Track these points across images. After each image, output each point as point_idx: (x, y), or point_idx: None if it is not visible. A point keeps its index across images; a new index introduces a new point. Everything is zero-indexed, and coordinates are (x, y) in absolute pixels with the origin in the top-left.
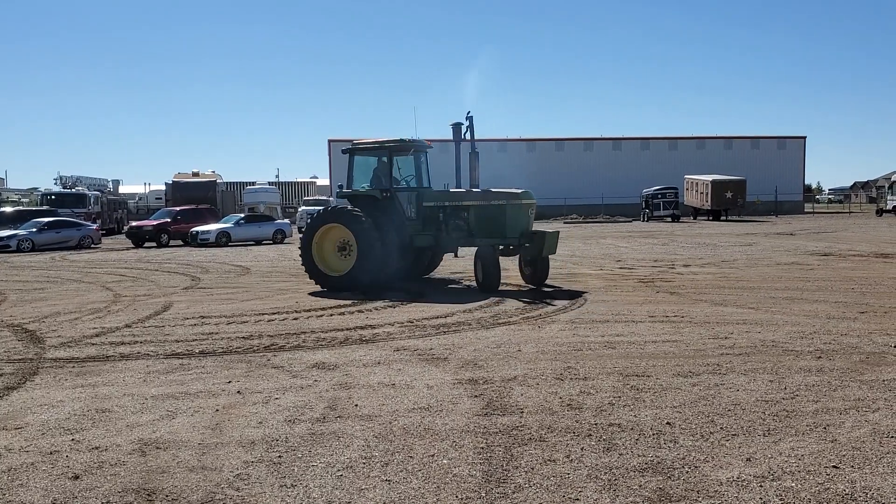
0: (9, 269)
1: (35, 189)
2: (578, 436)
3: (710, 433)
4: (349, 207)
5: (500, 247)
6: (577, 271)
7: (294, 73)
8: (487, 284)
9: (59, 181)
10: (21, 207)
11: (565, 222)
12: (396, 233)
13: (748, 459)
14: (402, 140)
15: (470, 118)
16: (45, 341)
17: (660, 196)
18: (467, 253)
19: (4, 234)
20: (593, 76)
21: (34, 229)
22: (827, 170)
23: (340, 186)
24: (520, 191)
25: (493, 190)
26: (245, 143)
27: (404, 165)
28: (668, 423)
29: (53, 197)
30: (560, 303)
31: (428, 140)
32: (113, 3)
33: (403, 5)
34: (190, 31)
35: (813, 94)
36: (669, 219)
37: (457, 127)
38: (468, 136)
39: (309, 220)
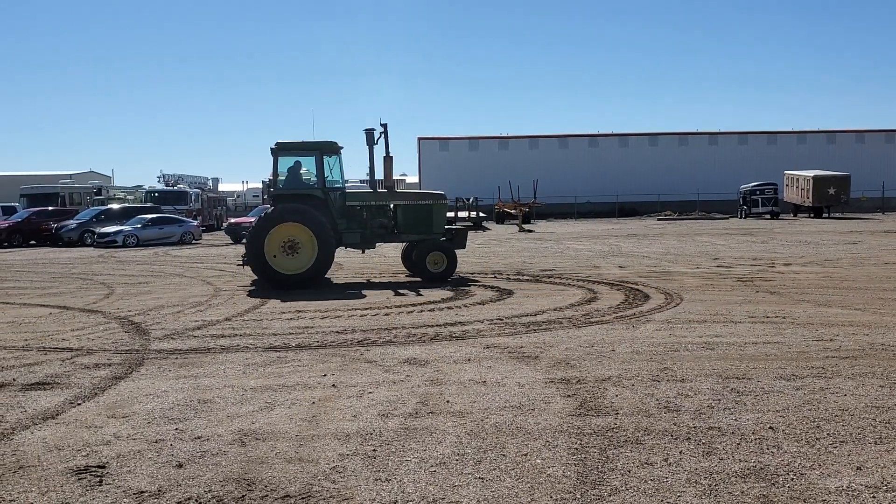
0: (115, 263)
1: (139, 187)
2: (677, 439)
3: (817, 439)
4: (301, 206)
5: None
6: (672, 269)
7: (383, 70)
8: (452, 271)
9: (161, 179)
10: (126, 204)
11: (659, 219)
12: (333, 231)
13: (859, 468)
14: (331, 142)
15: (384, 125)
16: (150, 333)
17: (758, 192)
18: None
19: (111, 230)
20: (688, 71)
21: (139, 225)
22: None
23: (269, 186)
24: (440, 192)
25: (417, 191)
26: (337, 141)
27: (328, 165)
28: (770, 427)
29: (157, 194)
30: (655, 302)
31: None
32: (209, 2)
33: (492, 9)
34: (281, 30)
35: None
36: (768, 216)
37: (369, 132)
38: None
39: (259, 220)
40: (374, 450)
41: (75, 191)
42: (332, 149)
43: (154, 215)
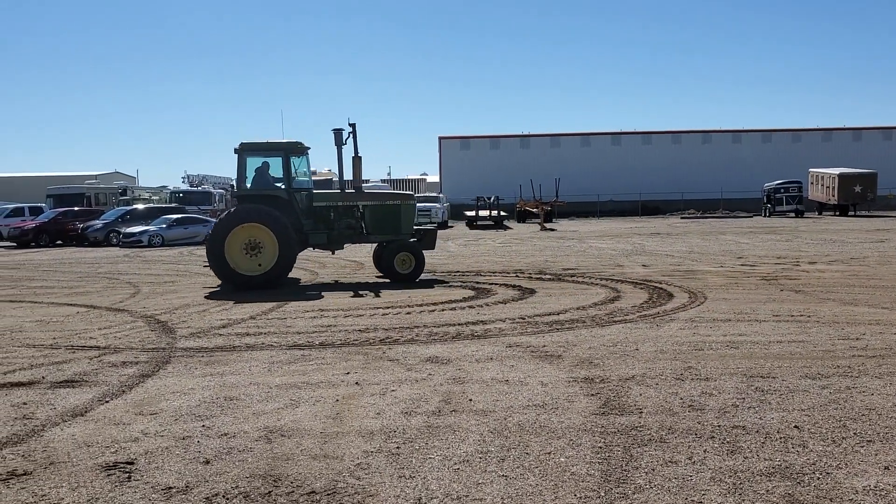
0: (141, 263)
1: (164, 187)
2: (701, 437)
3: (843, 438)
4: (262, 207)
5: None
6: (696, 268)
7: (404, 69)
8: (420, 272)
9: (186, 179)
10: (151, 205)
11: (682, 217)
12: (297, 231)
13: (886, 468)
14: (297, 142)
15: (353, 125)
16: (176, 332)
17: (783, 190)
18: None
19: (137, 230)
20: (711, 69)
21: (164, 225)
22: None
23: (232, 187)
24: (408, 192)
25: (385, 191)
26: (360, 141)
27: (294, 166)
28: (795, 426)
29: (181, 195)
30: (679, 301)
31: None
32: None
33: (513, 7)
34: (301, 29)
35: None
36: (793, 214)
37: (338, 132)
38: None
39: (223, 220)
40: (397, 447)
41: (101, 191)
42: (298, 149)
43: (179, 215)
